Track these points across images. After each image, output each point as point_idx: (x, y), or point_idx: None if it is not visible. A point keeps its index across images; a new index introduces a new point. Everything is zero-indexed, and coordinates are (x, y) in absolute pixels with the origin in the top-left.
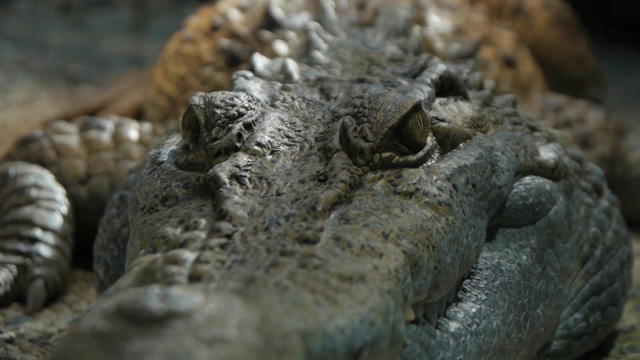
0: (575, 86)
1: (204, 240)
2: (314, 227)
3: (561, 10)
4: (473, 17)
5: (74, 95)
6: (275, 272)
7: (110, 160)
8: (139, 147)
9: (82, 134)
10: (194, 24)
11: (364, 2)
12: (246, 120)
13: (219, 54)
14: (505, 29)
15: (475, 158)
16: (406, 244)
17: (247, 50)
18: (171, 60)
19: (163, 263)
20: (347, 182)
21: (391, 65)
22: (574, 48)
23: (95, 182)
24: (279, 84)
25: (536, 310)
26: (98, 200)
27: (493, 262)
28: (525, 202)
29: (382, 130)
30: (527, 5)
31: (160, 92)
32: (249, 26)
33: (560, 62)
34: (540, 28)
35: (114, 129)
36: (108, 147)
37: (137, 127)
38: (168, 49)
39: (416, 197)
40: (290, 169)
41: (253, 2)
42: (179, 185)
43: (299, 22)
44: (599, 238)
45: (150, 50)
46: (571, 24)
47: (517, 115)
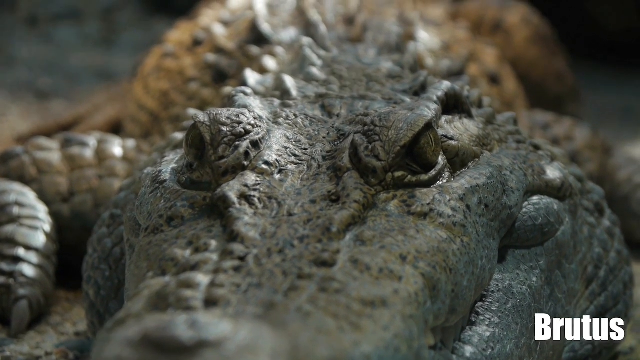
0: (554, 103)
1: (217, 263)
2: (330, 249)
3: (540, 27)
4: (457, 33)
5: (45, 110)
6: (295, 297)
7: (93, 177)
8: (124, 164)
9: (64, 150)
10: (174, 38)
11: (352, 17)
12: (253, 138)
13: (205, 70)
14: (488, 46)
15: (486, 177)
16: (424, 266)
17: (234, 65)
18: (152, 76)
19: (176, 287)
20: (360, 203)
21: (390, 81)
22: (553, 65)
23: (79, 199)
24: (277, 101)
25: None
26: (81, 218)
27: (504, 284)
28: (534, 223)
29: (394, 148)
30: (506, 22)
31: (141, 107)
32: (235, 41)
33: (539, 79)
34: (520, 45)
35: (96, 145)
36: (91, 163)
37: (121, 144)
38: (147, 64)
39: (431, 218)
40: (300, 188)
41: (236, 17)
42: (185, 205)
43: (287, 37)
44: (602, 258)
45: (119, 64)
46: (550, 41)
47: (519, 133)
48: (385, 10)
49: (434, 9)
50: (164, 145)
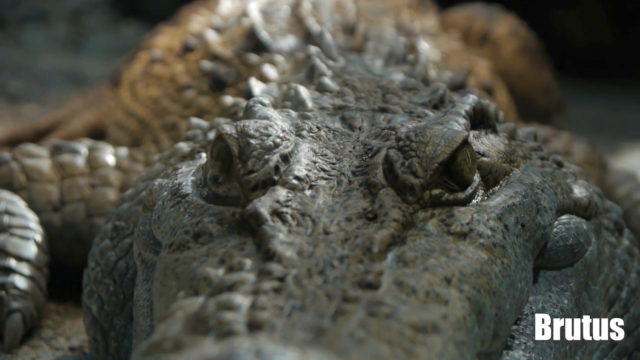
0: (541, 116)
1: (255, 284)
2: (373, 271)
3: (528, 39)
4: (452, 44)
5: (17, 114)
6: (344, 321)
7: (85, 186)
8: (117, 173)
9: (54, 158)
10: (162, 44)
11: (352, 26)
12: (283, 151)
13: (201, 77)
14: (479, 57)
15: (522, 196)
16: (469, 289)
17: (232, 73)
18: (140, 82)
19: (216, 309)
20: (400, 221)
21: (406, 94)
22: (541, 77)
23: (70, 209)
24: (293, 112)
25: (575, 358)
26: (73, 228)
27: (537, 306)
28: (565, 243)
29: (432, 165)
30: (494, 33)
31: (129, 114)
32: (232, 48)
33: (526, 91)
34: (508, 56)
35: (87, 153)
36: (83, 172)
37: (112, 152)
38: (134, 70)
39: (471, 239)
40: (333, 205)
41: (229, 23)
42: (213, 221)
43: (286, 45)
44: (624, 279)
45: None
46: (538, 53)
47: (541, 149)
48: (381, 19)
49: (427, 19)
50: (167, 155)
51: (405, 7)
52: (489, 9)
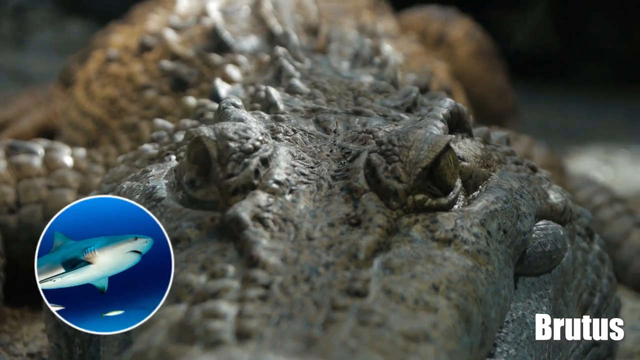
0: (496, 119)
1: (240, 291)
2: (361, 278)
3: (483, 42)
4: (412, 46)
5: None
6: (335, 330)
7: (42, 188)
8: (75, 174)
9: (9, 159)
10: (117, 43)
11: (315, 27)
12: (262, 155)
13: (161, 77)
14: (438, 60)
15: (503, 202)
16: (456, 297)
17: (194, 74)
18: (95, 82)
19: (202, 317)
20: (384, 227)
21: (378, 97)
22: (495, 81)
23: (27, 210)
24: (265, 114)
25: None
26: (29, 230)
27: (518, 314)
28: (544, 249)
29: (415, 170)
30: (449, 36)
31: (84, 114)
32: (193, 48)
33: (481, 94)
34: (463, 59)
35: (44, 153)
36: (40, 173)
37: (70, 152)
38: (88, 69)
39: (455, 245)
40: (314, 210)
41: (188, 22)
42: (191, 226)
43: (248, 45)
44: (596, 285)
45: (33, 65)
46: (492, 57)
47: (514, 154)
48: (342, 21)
49: (386, 21)
50: (132, 157)
51: (365, 8)
52: (444, 11)
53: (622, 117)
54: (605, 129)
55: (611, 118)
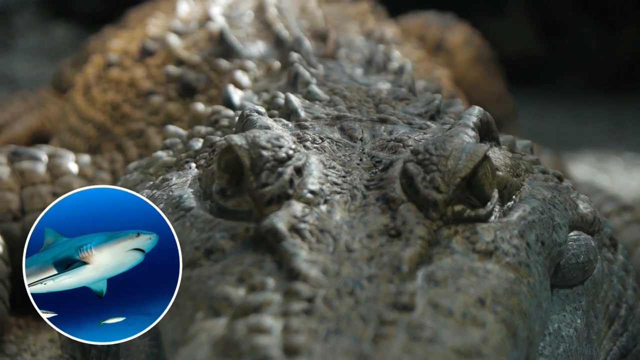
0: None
1: (283, 305)
2: (406, 292)
3: (482, 48)
4: (415, 52)
5: None
6: (386, 346)
7: (47, 195)
8: (81, 181)
9: (12, 165)
10: (117, 47)
11: (323, 33)
12: (296, 164)
13: (167, 83)
14: (440, 66)
15: (540, 213)
16: (502, 310)
17: (202, 79)
18: (96, 87)
19: (247, 332)
20: (425, 239)
21: (399, 104)
22: (494, 87)
23: (32, 218)
24: (287, 122)
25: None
26: None
27: (554, 326)
28: (577, 261)
29: (454, 180)
30: (448, 42)
31: (85, 120)
32: (199, 53)
33: (481, 100)
34: (462, 65)
35: (48, 160)
36: (44, 179)
37: (74, 159)
38: (88, 74)
39: (496, 257)
40: (350, 220)
41: (191, 27)
42: (225, 237)
43: (256, 51)
44: (622, 296)
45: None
46: (491, 63)
47: (540, 162)
48: (347, 26)
49: (389, 27)
50: (145, 165)
51: (369, 13)
52: (442, 17)
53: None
54: (594, 136)
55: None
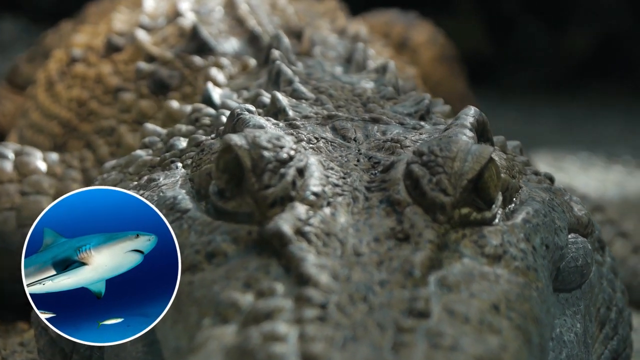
0: None
1: (296, 312)
2: (421, 297)
3: (446, 47)
4: (385, 51)
5: None
6: (408, 354)
7: (15, 194)
8: (51, 180)
9: None
10: (81, 42)
11: (297, 30)
12: (298, 165)
13: (138, 80)
14: (407, 64)
15: (543, 215)
16: (516, 317)
17: (176, 76)
18: (60, 83)
19: (262, 340)
20: (435, 243)
21: (387, 103)
22: (457, 86)
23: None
24: (276, 121)
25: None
26: (2, 239)
27: (556, 331)
28: (576, 264)
29: (461, 182)
30: (413, 40)
31: (49, 116)
32: (170, 50)
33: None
34: (427, 64)
35: (15, 157)
36: (12, 178)
37: (42, 157)
38: (50, 69)
39: (505, 261)
40: (355, 223)
41: (159, 23)
42: (226, 240)
43: (230, 47)
44: (612, 299)
45: None
46: (454, 62)
47: (530, 164)
48: (319, 24)
49: (359, 25)
50: (124, 164)
51: (338, 11)
52: (406, 15)
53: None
54: (547, 135)
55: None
